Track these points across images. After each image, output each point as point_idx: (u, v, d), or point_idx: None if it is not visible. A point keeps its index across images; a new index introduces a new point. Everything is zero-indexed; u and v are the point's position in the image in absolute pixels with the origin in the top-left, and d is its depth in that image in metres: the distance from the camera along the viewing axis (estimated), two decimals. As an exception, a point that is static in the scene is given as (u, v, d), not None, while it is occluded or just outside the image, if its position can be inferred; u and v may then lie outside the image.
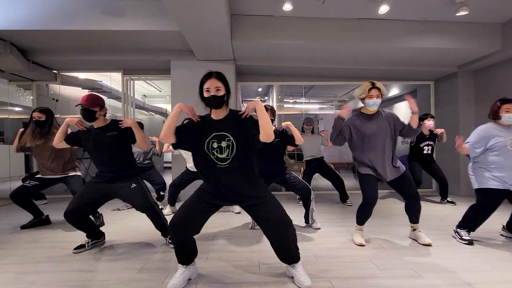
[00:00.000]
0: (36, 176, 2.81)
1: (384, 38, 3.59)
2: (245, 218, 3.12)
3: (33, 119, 2.69)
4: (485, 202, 2.24)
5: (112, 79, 6.02)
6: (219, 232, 2.64)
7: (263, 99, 7.96)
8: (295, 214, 3.07)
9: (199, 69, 4.18)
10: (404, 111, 6.40)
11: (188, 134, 1.58)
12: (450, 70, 4.45)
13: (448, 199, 3.91)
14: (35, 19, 3.36)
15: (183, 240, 1.58)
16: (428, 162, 3.86)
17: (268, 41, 3.53)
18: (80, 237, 2.48)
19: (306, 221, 2.77)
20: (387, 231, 2.62)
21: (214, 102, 1.52)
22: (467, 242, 2.26)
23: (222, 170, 1.53)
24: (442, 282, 1.63)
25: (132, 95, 4.87)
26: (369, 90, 2.11)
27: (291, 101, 8.25)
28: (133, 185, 2.13)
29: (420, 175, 3.90)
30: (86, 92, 5.76)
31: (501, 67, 4.00)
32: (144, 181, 2.30)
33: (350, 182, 6.26)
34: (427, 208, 3.59)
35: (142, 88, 7.76)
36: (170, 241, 2.24)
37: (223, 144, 1.52)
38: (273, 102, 6.84)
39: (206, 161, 1.55)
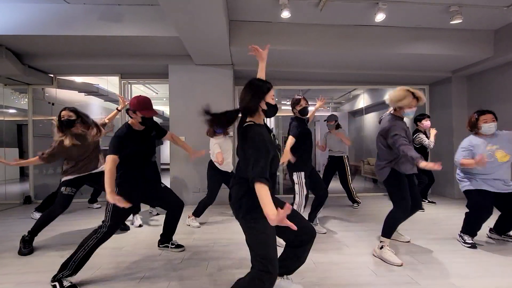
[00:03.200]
0: (71, 180, 2.59)
1: (379, 44, 3.64)
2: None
3: (62, 119, 2.47)
4: (473, 203, 2.35)
5: (109, 82, 5.98)
6: (218, 238, 2.66)
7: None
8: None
9: (197, 73, 4.21)
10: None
11: None
12: (444, 75, 4.53)
13: (428, 199, 4.06)
14: (32, 24, 3.34)
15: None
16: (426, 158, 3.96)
17: (266, 46, 3.56)
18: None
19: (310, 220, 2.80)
20: (384, 236, 2.67)
21: (275, 112, 1.42)
22: (470, 245, 2.34)
23: None
24: (438, 289, 1.68)
25: (129, 98, 4.85)
26: (412, 101, 2.06)
27: (288, 103, 8.32)
28: (163, 184, 2.23)
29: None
30: (82, 95, 5.72)
31: (493, 73, 4.09)
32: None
33: (355, 185, 6.33)
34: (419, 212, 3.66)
35: (138, 90, 7.72)
36: (173, 246, 2.32)
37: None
38: (270, 105, 6.89)
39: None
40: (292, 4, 2.97)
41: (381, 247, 2.15)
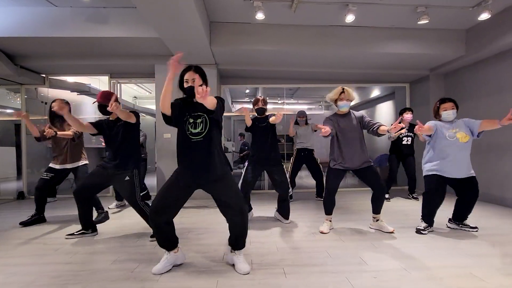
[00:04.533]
0: (50, 167, 2.99)
1: (354, 44, 3.80)
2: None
3: (51, 109, 2.79)
4: (427, 187, 2.54)
5: (101, 81, 6.15)
6: (193, 228, 2.82)
7: (251, 101, 8.19)
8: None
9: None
10: (384, 111, 6.63)
11: (176, 110, 1.77)
12: (423, 73, 4.68)
13: (413, 194, 4.16)
14: (22, 27, 3.51)
15: (160, 225, 1.77)
16: (406, 154, 4.05)
17: (245, 46, 3.72)
18: (63, 234, 2.66)
19: (284, 217, 2.97)
20: (351, 225, 2.82)
21: (190, 92, 1.73)
22: (416, 229, 2.56)
23: (195, 144, 1.73)
24: (382, 268, 1.83)
25: (119, 97, 5.02)
26: (340, 93, 2.46)
27: (279, 102, 8.46)
28: (127, 178, 2.36)
29: (396, 170, 4.13)
30: (75, 94, 5.90)
31: (467, 70, 4.24)
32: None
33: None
34: (393, 203, 3.82)
35: (132, 90, 7.89)
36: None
37: (198, 120, 1.75)
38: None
39: (183, 135, 1.76)
40: (266, 7, 3.12)
41: (377, 220, 2.67)
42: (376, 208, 2.63)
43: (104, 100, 2.31)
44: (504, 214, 3.25)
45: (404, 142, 4.05)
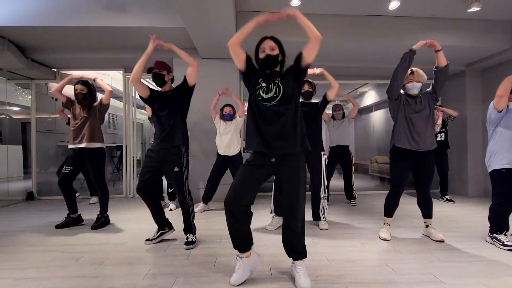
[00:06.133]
0: (67, 160, 2.79)
1: (391, 35, 3.51)
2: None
3: (76, 92, 2.76)
4: (498, 188, 2.18)
5: (112, 78, 5.90)
6: (226, 234, 2.54)
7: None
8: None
9: (202, 67, 4.08)
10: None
11: (252, 68, 1.64)
12: (458, 69, 4.38)
13: (447, 196, 3.90)
14: (34, 15, 3.26)
15: (237, 213, 1.54)
16: (439, 151, 3.82)
17: (274, 38, 3.45)
18: (81, 240, 2.39)
19: (315, 217, 2.72)
20: (401, 234, 2.54)
21: (269, 60, 1.57)
22: (510, 247, 2.08)
23: (269, 109, 1.52)
24: (466, 288, 1.55)
25: (133, 95, 4.79)
26: (408, 75, 2.27)
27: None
28: (176, 169, 2.16)
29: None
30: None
31: (510, 66, 3.94)
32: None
33: (356, 183, 6.20)
34: (435, 209, 3.53)
35: (143, 87, 7.65)
36: (189, 240, 2.20)
37: (271, 85, 1.55)
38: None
39: (255, 103, 1.57)
40: (302, -8, 2.86)
41: (427, 226, 2.40)
42: (425, 212, 2.40)
43: (161, 68, 2.21)
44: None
45: (438, 139, 3.81)
